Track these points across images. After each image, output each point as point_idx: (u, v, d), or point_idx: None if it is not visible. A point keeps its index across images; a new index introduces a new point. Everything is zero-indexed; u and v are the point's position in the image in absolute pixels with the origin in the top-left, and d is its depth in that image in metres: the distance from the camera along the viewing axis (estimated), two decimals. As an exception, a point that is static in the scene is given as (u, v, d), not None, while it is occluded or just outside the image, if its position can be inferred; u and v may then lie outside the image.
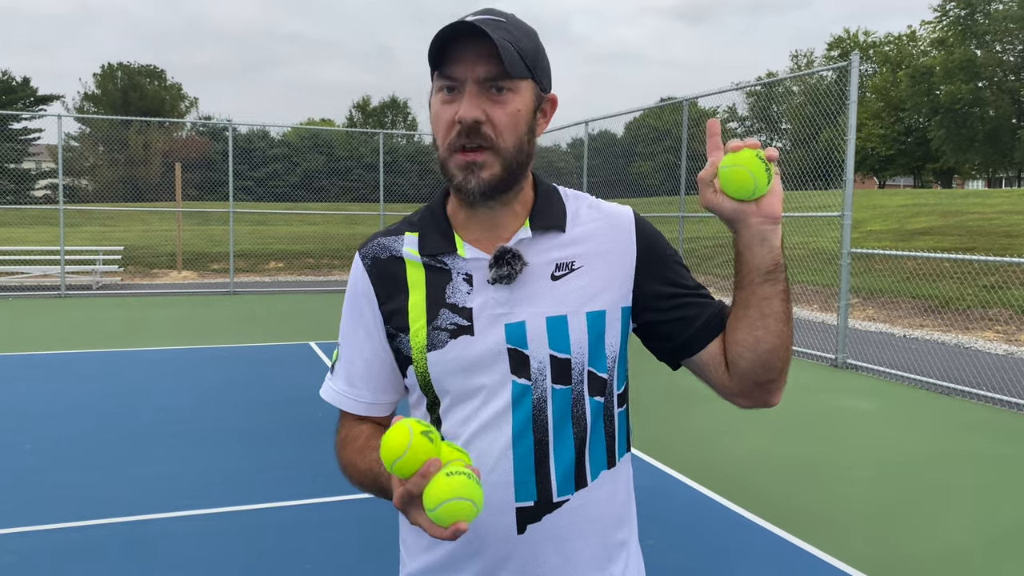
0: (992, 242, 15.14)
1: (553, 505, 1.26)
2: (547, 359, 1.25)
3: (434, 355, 1.26)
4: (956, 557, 3.90)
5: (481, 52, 1.17)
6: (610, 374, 1.29)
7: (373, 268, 1.33)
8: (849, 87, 8.25)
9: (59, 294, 14.22)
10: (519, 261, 1.25)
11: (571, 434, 1.26)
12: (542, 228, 1.28)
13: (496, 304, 1.25)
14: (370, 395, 1.37)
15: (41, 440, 5.46)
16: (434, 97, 1.24)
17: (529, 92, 1.24)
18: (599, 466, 1.30)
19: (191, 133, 36.92)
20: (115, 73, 46.33)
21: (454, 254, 1.28)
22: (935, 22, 39.12)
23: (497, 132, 1.20)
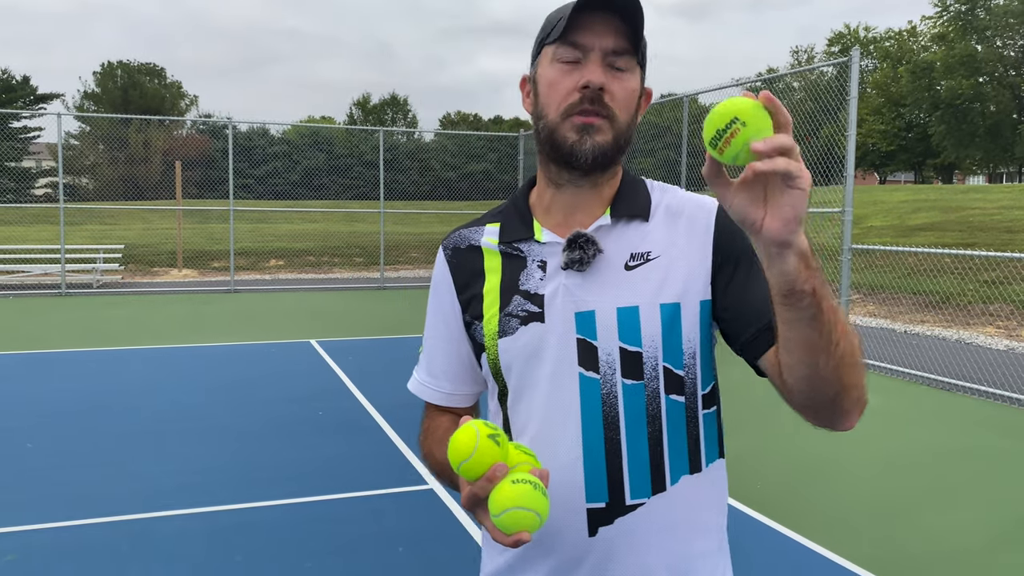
0: (993, 238, 15.13)
1: (626, 508, 1.21)
2: (617, 352, 1.20)
3: (504, 342, 1.25)
4: (959, 552, 3.89)
5: (610, 26, 1.18)
6: (689, 372, 1.23)
7: (453, 258, 1.34)
8: (849, 83, 8.23)
9: (59, 293, 14.22)
10: (592, 246, 1.22)
11: (646, 434, 1.21)
12: (623, 216, 1.26)
13: (567, 291, 1.22)
14: (449, 385, 1.37)
15: (42, 439, 5.46)
16: (547, 67, 1.23)
17: (638, 79, 1.24)
18: (680, 471, 1.23)
19: (191, 131, 36.89)
20: (115, 71, 46.29)
21: (531, 240, 1.27)
22: (936, 17, 39.07)
23: (615, 103, 1.19)
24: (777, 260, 0.97)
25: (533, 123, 1.27)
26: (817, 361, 1.03)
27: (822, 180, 9.81)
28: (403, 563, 3.71)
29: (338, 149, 32.86)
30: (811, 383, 1.06)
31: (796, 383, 1.09)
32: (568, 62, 1.20)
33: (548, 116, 1.22)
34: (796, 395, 1.12)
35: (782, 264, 0.97)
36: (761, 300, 1.19)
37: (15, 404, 6.38)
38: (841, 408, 1.09)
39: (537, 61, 1.26)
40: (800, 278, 0.97)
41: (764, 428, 5.95)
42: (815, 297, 0.99)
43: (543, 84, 1.23)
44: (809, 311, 1.00)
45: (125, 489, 4.56)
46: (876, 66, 48.76)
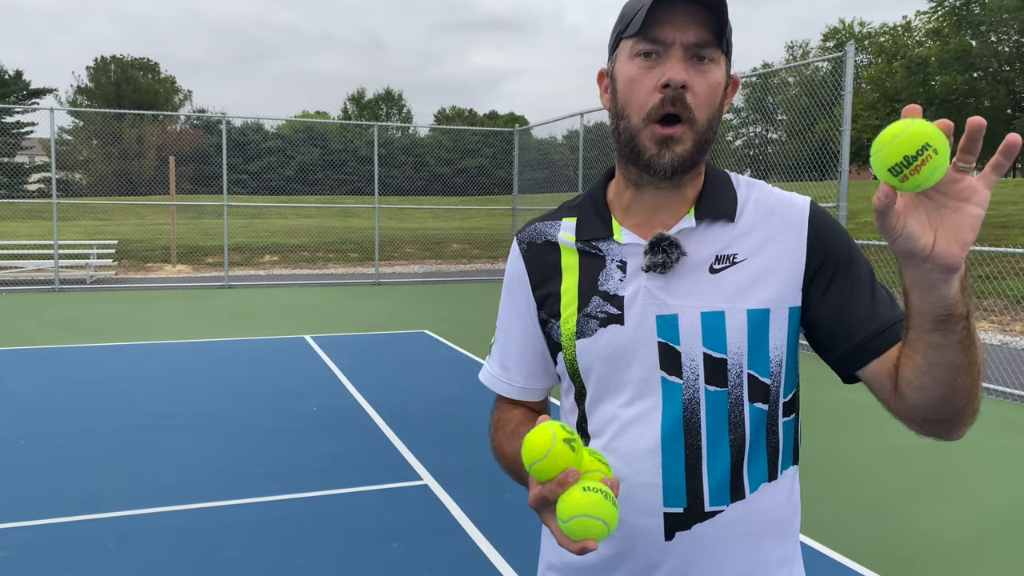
0: (986, 232, 15.17)
1: (705, 514, 1.19)
2: (700, 357, 1.17)
3: (583, 343, 1.23)
4: (952, 547, 3.90)
5: (691, 16, 1.12)
6: (774, 379, 1.19)
7: (528, 253, 1.32)
8: (844, 78, 8.24)
9: (53, 288, 14.17)
10: (676, 250, 1.17)
11: (727, 441, 1.18)
12: (708, 217, 1.20)
13: (649, 294, 1.19)
14: (522, 379, 1.35)
15: (35, 435, 5.44)
16: (625, 64, 1.18)
17: (723, 68, 1.18)
18: (759, 478, 1.21)
19: (185, 126, 36.78)
20: (108, 66, 46.08)
21: (610, 239, 1.23)
22: (930, 12, 39.10)
23: (696, 103, 1.14)
24: (941, 285, 0.94)
25: (611, 120, 1.23)
26: (956, 381, 1.02)
27: (817, 175, 9.81)
28: (398, 559, 3.70)
29: (333, 144, 32.80)
30: (944, 401, 1.04)
31: (924, 401, 1.06)
32: (648, 57, 1.14)
33: (630, 119, 1.17)
34: (917, 410, 1.09)
35: (946, 289, 0.94)
36: (866, 308, 1.16)
37: (7, 400, 6.35)
38: (961, 422, 1.08)
39: (615, 55, 1.21)
40: (959, 302, 0.96)
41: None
42: (967, 321, 0.97)
43: (622, 81, 1.18)
44: (960, 335, 0.98)
45: (118, 486, 4.54)
46: (871, 61, 48.82)
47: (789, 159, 10.73)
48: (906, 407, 1.10)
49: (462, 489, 4.55)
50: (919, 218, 0.91)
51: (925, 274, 0.93)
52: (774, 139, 19.19)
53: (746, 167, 15.36)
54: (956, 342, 0.98)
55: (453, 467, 4.90)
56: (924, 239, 0.90)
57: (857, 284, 1.18)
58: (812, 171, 9.81)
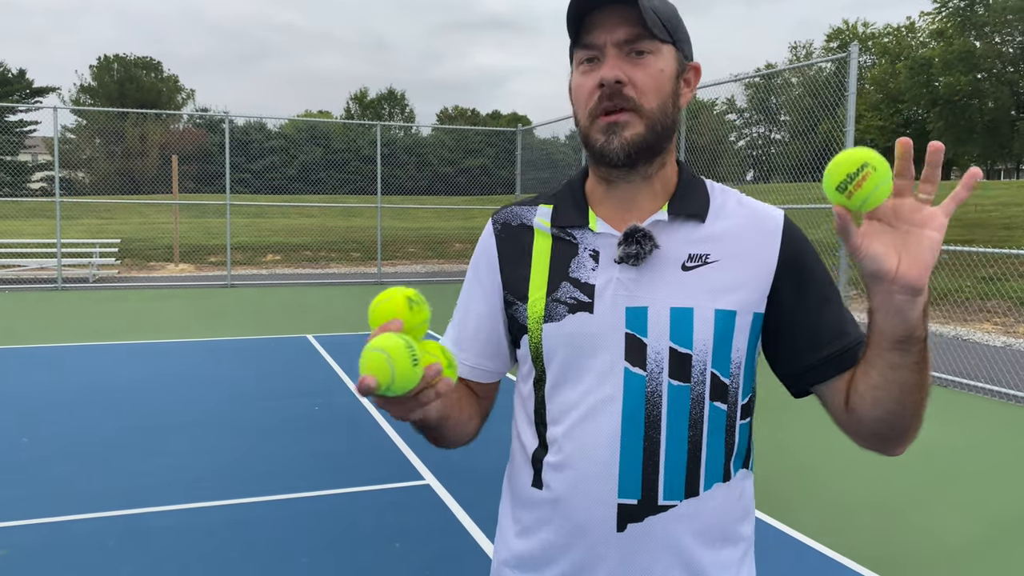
0: (990, 234, 15.14)
1: (657, 508, 1.19)
2: (666, 351, 1.18)
3: (550, 327, 1.23)
4: (954, 548, 3.89)
5: (619, 17, 1.16)
6: (733, 381, 1.22)
7: (502, 233, 1.33)
8: (848, 78, 8.22)
9: (56, 287, 14.18)
10: (649, 242, 1.19)
11: (686, 437, 1.19)
12: (681, 214, 1.23)
13: (620, 285, 1.20)
14: (473, 358, 1.34)
15: (38, 434, 5.44)
16: (574, 73, 1.24)
17: (671, 57, 1.21)
18: (714, 477, 1.22)
19: (188, 125, 36.79)
20: (111, 65, 46.12)
21: (585, 228, 1.25)
22: (934, 13, 39.02)
23: (640, 92, 1.17)
24: (905, 307, 1.00)
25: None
26: (907, 400, 1.09)
27: (820, 176, 9.79)
28: (400, 559, 3.70)
29: (335, 144, 32.78)
30: (893, 417, 1.11)
31: (874, 417, 1.12)
32: (591, 63, 1.19)
33: (580, 121, 1.23)
34: (867, 425, 1.15)
35: (910, 311, 1.00)
36: (835, 323, 1.21)
37: (9, 398, 6.36)
38: (906, 438, 1.15)
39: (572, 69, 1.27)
40: (920, 325, 1.02)
41: (761, 426, 5.94)
42: (924, 344, 1.04)
43: (573, 89, 1.24)
44: (917, 356, 1.04)
45: (120, 484, 4.54)
46: (874, 62, 48.77)
47: (792, 160, 10.72)
48: (856, 421, 1.16)
49: (464, 489, 4.54)
50: (883, 241, 0.98)
51: (892, 296, 1.00)
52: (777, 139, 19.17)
53: (749, 167, 15.34)
54: (912, 363, 1.05)
55: (455, 467, 4.89)
56: (889, 261, 0.98)
57: (826, 301, 1.22)
58: (815, 172, 9.80)
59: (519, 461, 1.31)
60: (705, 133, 11.76)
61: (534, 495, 1.26)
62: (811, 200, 9.90)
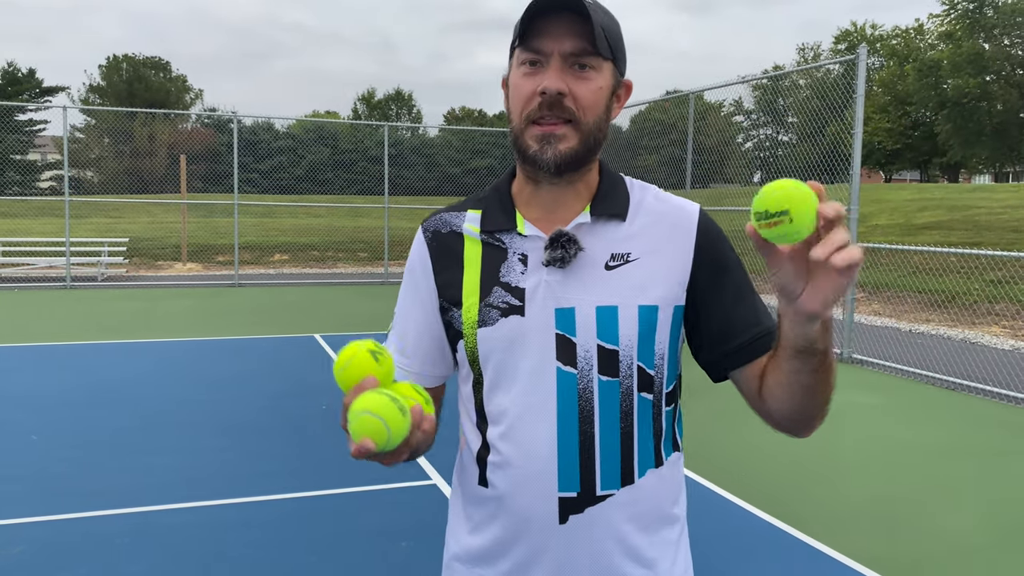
0: (999, 237, 15.09)
1: (596, 498, 1.25)
2: (595, 349, 1.24)
3: (484, 332, 1.27)
4: (962, 552, 3.89)
5: (569, 28, 1.19)
6: (658, 372, 1.28)
7: (433, 241, 1.36)
8: (856, 81, 8.21)
9: (64, 285, 14.25)
10: (574, 245, 1.24)
11: (618, 428, 1.25)
12: (603, 215, 1.28)
13: (548, 287, 1.25)
14: (418, 365, 1.38)
15: (47, 431, 5.48)
16: (514, 71, 1.26)
17: (609, 74, 1.25)
18: (647, 464, 1.28)
19: (196, 125, 36.90)
20: (120, 65, 46.30)
21: (513, 232, 1.29)
22: (943, 15, 38.89)
23: (579, 107, 1.21)
24: (805, 325, 1.06)
25: (508, 124, 1.30)
26: (809, 400, 1.16)
27: (828, 178, 9.78)
28: (407, 558, 3.72)
29: (343, 144, 32.82)
30: (799, 411, 1.18)
31: (781, 409, 1.21)
32: (532, 66, 1.22)
33: (513, 121, 1.26)
34: (776, 414, 1.23)
35: (807, 329, 1.06)
36: (746, 315, 1.27)
37: (20, 396, 6.40)
38: (812, 426, 1.22)
39: (511, 63, 1.29)
40: (819, 340, 1.07)
41: (765, 427, 5.94)
42: (824, 356, 1.09)
43: (511, 88, 1.27)
44: (816, 365, 1.10)
45: (130, 482, 4.56)
46: (882, 64, 48.61)
47: (799, 161, 10.71)
48: (766, 410, 1.24)
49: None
50: (798, 265, 1.00)
51: (792, 315, 1.05)
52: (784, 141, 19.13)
53: (756, 169, 15.32)
54: (811, 370, 1.11)
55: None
56: (795, 286, 1.02)
57: (739, 292, 1.28)
58: (823, 174, 9.79)
59: (467, 460, 1.37)
60: (712, 135, 11.76)
61: (482, 493, 1.32)
62: (818, 202, 9.88)
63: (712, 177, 10.92)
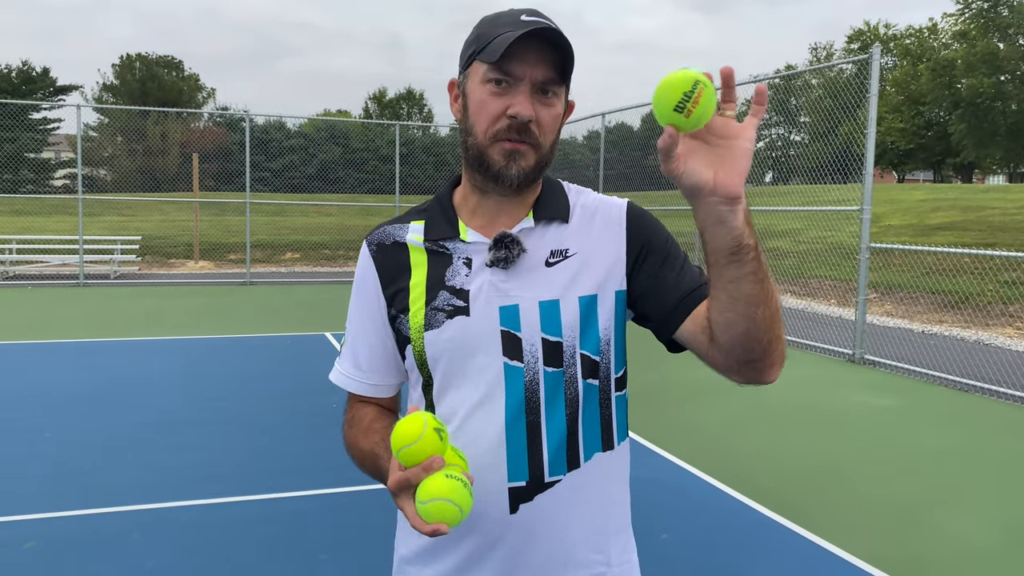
0: (1013, 238, 14.98)
1: (545, 485, 1.28)
2: (539, 342, 1.28)
3: (431, 335, 1.31)
4: (975, 555, 3.86)
5: (540, 55, 1.24)
6: (604, 357, 1.32)
7: (378, 254, 1.39)
8: (869, 80, 8.17)
9: (77, 283, 14.34)
10: (517, 246, 1.29)
11: (563, 415, 1.29)
12: (545, 218, 1.34)
13: (492, 287, 1.29)
14: (375, 377, 1.42)
15: (60, 428, 5.51)
16: (477, 85, 1.28)
17: (563, 98, 1.31)
18: (593, 448, 1.32)
19: (208, 124, 37.05)
20: (133, 64, 46.55)
21: (456, 239, 1.34)
22: (957, 15, 38.65)
23: (541, 131, 1.27)
24: (729, 217, 1.07)
25: (461, 133, 1.32)
26: (756, 313, 1.13)
27: (840, 178, 9.73)
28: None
29: (354, 143, 32.89)
30: (748, 336, 1.15)
31: (732, 340, 1.17)
32: (498, 85, 1.25)
33: (477, 136, 1.28)
34: (730, 353, 1.20)
35: (733, 220, 1.07)
36: (675, 278, 1.31)
37: (33, 393, 6.44)
38: (770, 359, 1.19)
39: (467, 73, 1.31)
40: (746, 233, 1.08)
41: (777, 426, 5.93)
42: (756, 251, 1.10)
43: (473, 101, 1.29)
44: (752, 265, 1.10)
45: (142, 479, 4.59)
46: (896, 63, 48.34)
47: (812, 161, 10.66)
48: (722, 353, 1.21)
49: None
50: (700, 159, 1.05)
51: (712, 208, 1.07)
52: (796, 141, 19.06)
53: (768, 169, 15.27)
54: (749, 273, 1.10)
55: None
56: (705, 174, 1.05)
57: (668, 261, 1.33)
58: (835, 174, 9.75)
59: None
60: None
61: None
62: (832, 203, 9.85)
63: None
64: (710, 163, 1.05)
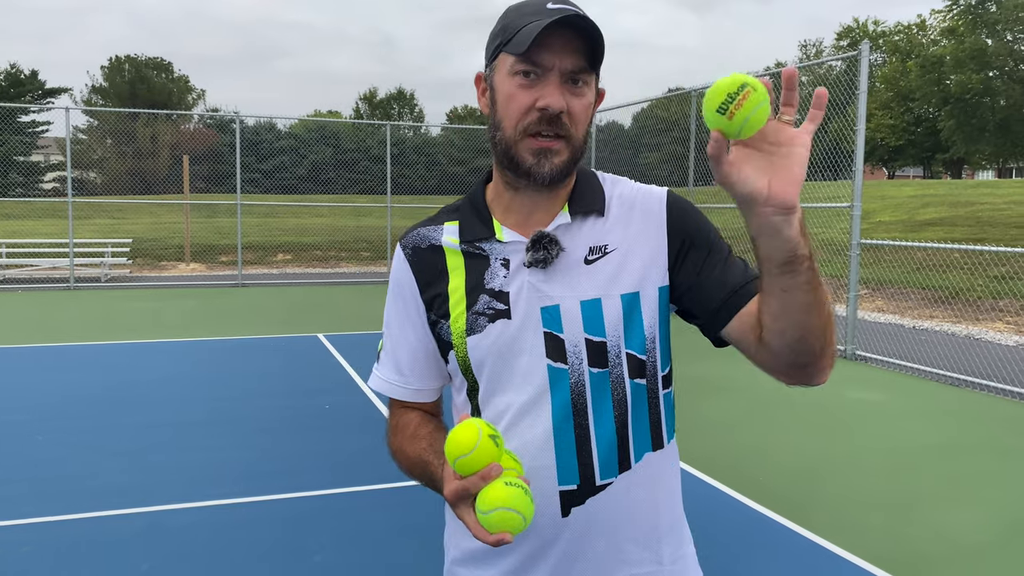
0: (1002, 233, 15.06)
1: (596, 488, 1.27)
2: (582, 342, 1.26)
3: (473, 339, 1.28)
4: (968, 549, 3.88)
5: (568, 43, 1.20)
6: (649, 355, 1.29)
7: (414, 257, 1.37)
8: (859, 77, 8.20)
9: (68, 286, 14.28)
10: (555, 246, 1.26)
11: (611, 417, 1.27)
12: (581, 213, 1.30)
13: (532, 288, 1.27)
14: (417, 382, 1.39)
15: (52, 432, 5.49)
16: (505, 77, 1.24)
17: (594, 87, 1.27)
18: (643, 448, 1.30)
19: (199, 125, 36.94)
20: (122, 66, 46.33)
21: (492, 239, 1.31)
22: (945, 11, 38.80)
23: (573, 122, 1.23)
24: (783, 227, 1.03)
25: (489, 128, 1.29)
26: (809, 322, 1.10)
27: (831, 175, 9.77)
28: (413, 557, 3.72)
29: (345, 144, 32.84)
30: (801, 342, 1.12)
31: (784, 346, 1.14)
32: (527, 77, 1.21)
33: (505, 131, 1.25)
34: (780, 357, 1.16)
35: (787, 230, 1.03)
36: (721, 273, 1.26)
37: (25, 397, 6.42)
38: (821, 363, 1.16)
39: (494, 65, 1.27)
40: (800, 242, 1.04)
41: (771, 423, 5.95)
42: (811, 260, 1.06)
43: (500, 94, 1.25)
44: (807, 275, 1.06)
45: (135, 482, 4.58)
46: (885, 60, 48.51)
47: (802, 158, 10.66)
48: (771, 355, 1.18)
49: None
50: (753, 166, 1.01)
51: (767, 218, 1.02)
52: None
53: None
54: (803, 282, 1.06)
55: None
56: (759, 182, 1.01)
57: (712, 255, 1.28)
58: (825, 171, 9.78)
59: None
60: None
61: None
62: (823, 199, 9.88)
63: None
64: (763, 171, 1.01)
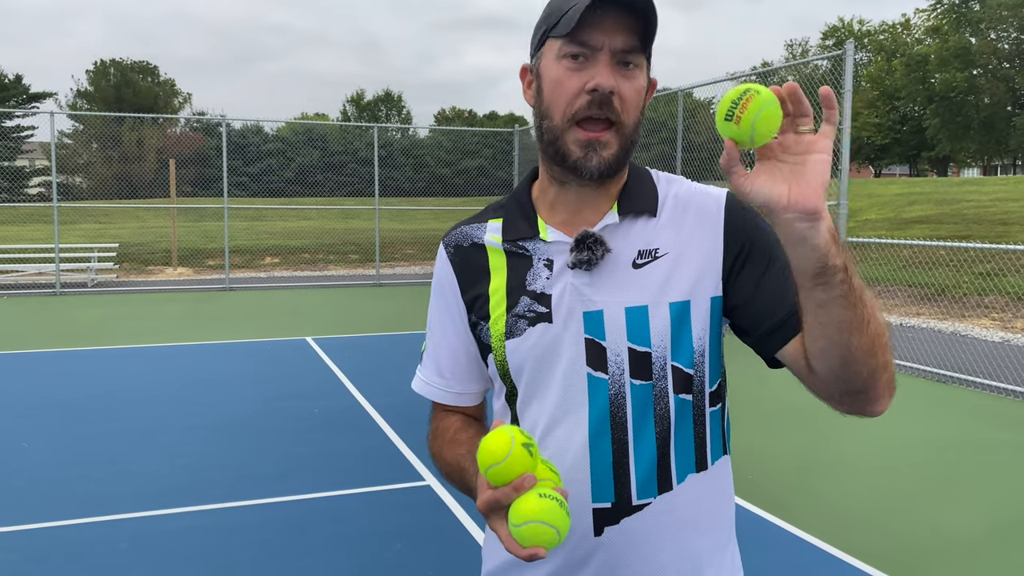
0: (988, 230, 15.17)
1: (632, 508, 1.19)
2: (625, 352, 1.18)
3: (512, 343, 1.22)
4: (957, 544, 3.90)
5: (618, 21, 1.12)
6: (698, 370, 1.20)
7: (456, 256, 1.31)
8: (844, 76, 8.24)
9: (54, 292, 14.18)
10: (601, 247, 1.18)
11: (653, 433, 1.18)
12: (631, 213, 1.22)
13: (575, 291, 1.19)
14: (459, 385, 1.34)
15: (38, 438, 5.44)
16: (552, 63, 1.17)
17: (645, 72, 1.19)
18: (686, 469, 1.21)
19: (185, 129, 36.77)
20: (108, 69, 46.10)
21: (536, 238, 1.24)
22: (930, 10, 39.06)
23: (624, 107, 1.15)
24: (810, 235, 0.97)
25: (535, 119, 1.22)
26: (851, 342, 1.02)
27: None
28: (401, 559, 3.71)
29: (333, 146, 32.78)
30: (845, 367, 1.04)
31: (829, 370, 1.06)
32: (575, 59, 1.14)
33: (553, 119, 1.17)
34: (828, 383, 1.09)
35: (815, 238, 0.97)
36: (780, 290, 1.16)
37: (10, 403, 6.36)
38: (875, 391, 1.09)
39: (540, 53, 1.20)
40: (832, 252, 0.98)
41: (764, 423, 5.96)
42: (846, 273, 0.99)
43: (547, 81, 1.18)
44: (842, 288, 0.99)
45: (123, 488, 4.54)
46: (870, 59, 48.78)
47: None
48: (820, 382, 1.10)
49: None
50: (770, 175, 0.98)
51: (790, 225, 0.97)
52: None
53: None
54: (838, 297, 0.99)
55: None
56: (776, 189, 0.97)
57: (772, 268, 1.18)
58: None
59: None
60: (702, 132, 11.77)
61: None
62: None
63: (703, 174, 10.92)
64: (783, 180, 0.97)
